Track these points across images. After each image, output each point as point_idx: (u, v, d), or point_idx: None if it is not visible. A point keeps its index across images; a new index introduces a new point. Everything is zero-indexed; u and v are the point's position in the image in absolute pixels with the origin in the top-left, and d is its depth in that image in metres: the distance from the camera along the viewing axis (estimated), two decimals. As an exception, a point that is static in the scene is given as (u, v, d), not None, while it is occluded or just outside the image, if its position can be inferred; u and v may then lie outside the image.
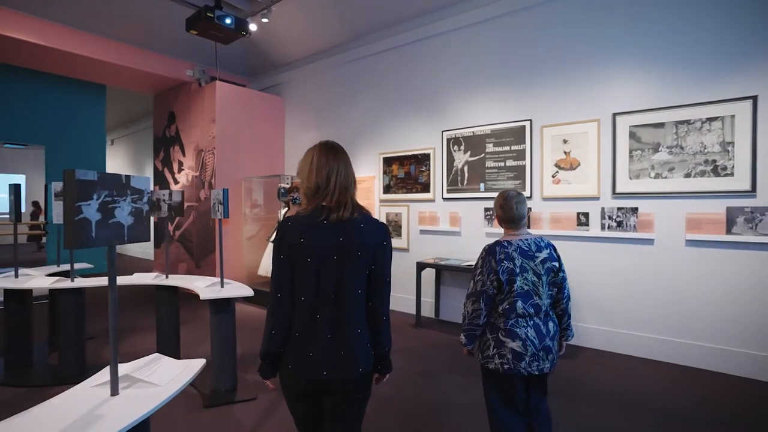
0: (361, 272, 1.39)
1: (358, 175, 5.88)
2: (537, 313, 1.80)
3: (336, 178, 1.40)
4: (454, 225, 4.86)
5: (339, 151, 1.46)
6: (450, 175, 4.89)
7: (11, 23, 5.00)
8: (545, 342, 1.79)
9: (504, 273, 1.78)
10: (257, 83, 7.38)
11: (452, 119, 4.90)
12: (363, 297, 1.40)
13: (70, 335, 3.31)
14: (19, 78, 7.30)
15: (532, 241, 1.88)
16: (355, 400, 1.42)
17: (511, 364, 1.77)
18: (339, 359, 1.34)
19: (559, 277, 1.87)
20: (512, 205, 1.88)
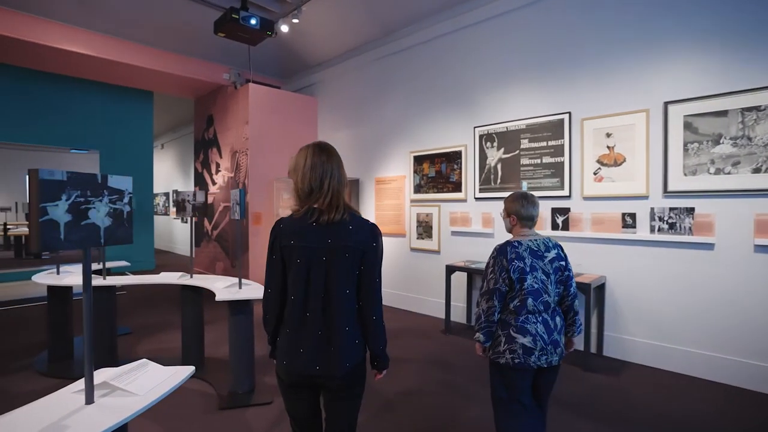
0: (349, 273, 1.42)
1: (389, 175, 5.75)
2: (546, 310, 1.88)
3: (329, 182, 1.43)
4: (486, 226, 4.60)
5: (332, 153, 1.49)
6: (482, 174, 4.63)
7: (64, 36, 5.34)
8: (553, 336, 1.87)
9: (515, 272, 1.85)
10: (292, 84, 7.45)
11: (485, 114, 4.64)
12: (352, 296, 1.44)
13: (101, 330, 3.43)
14: (75, 87, 7.86)
15: (541, 241, 1.95)
16: (348, 395, 1.47)
17: (521, 359, 1.84)
18: (327, 355, 1.39)
19: (565, 276, 1.95)
20: (529, 206, 1.96)
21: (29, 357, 3.77)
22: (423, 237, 5.29)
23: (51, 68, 6.30)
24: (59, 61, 5.89)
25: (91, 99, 8.23)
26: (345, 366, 1.41)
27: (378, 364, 1.53)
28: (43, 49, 5.40)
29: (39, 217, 1.14)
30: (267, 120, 6.39)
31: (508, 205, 2.01)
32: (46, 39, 5.24)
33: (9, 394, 3.06)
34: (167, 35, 5.91)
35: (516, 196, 1.99)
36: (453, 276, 4.49)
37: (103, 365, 3.39)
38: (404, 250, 5.53)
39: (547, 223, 4.08)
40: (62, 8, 5.11)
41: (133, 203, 1.44)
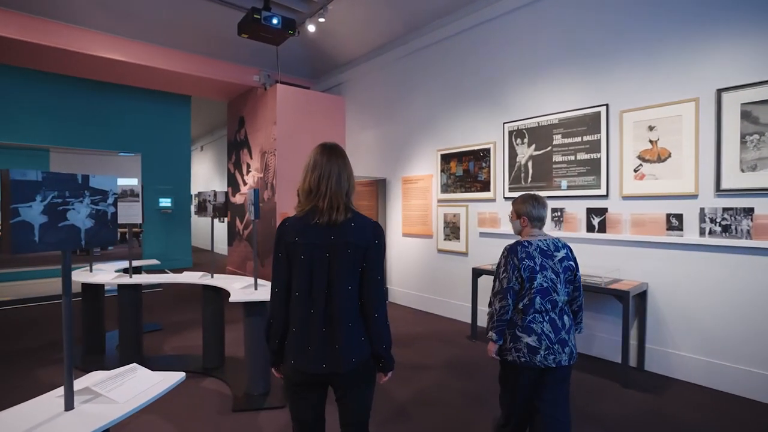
0: (352, 270, 1.43)
1: (415, 174, 5.60)
2: (553, 309, 1.90)
3: (328, 182, 1.44)
4: (516, 227, 4.34)
5: (337, 153, 1.50)
6: (512, 172, 4.38)
7: (105, 45, 5.60)
8: (561, 335, 1.88)
9: (525, 271, 1.90)
10: (321, 84, 7.46)
11: (514, 109, 4.38)
12: (354, 293, 1.45)
13: (127, 327, 3.53)
14: (119, 94, 8.29)
15: (550, 241, 1.99)
16: (357, 391, 1.49)
17: (527, 357, 1.87)
18: (333, 352, 1.40)
19: (576, 276, 2.00)
20: (540, 207, 2.01)
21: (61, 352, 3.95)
22: (450, 238, 5.10)
23: (96, 76, 6.65)
24: (103, 69, 6.19)
25: (134, 104, 8.65)
26: (351, 362, 1.41)
27: (383, 365, 1.52)
28: (88, 59, 5.68)
29: (10, 219, 1.11)
30: (294, 120, 6.41)
31: (519, 207, 2.05)
32: (91, 48, 5.52)
33: (44, 385, 3.20)
34: (199, 40, 6.07)
35: (525, 197, 2.05)
36: (480, 279, 4.28)
37: (128, 362, 3.49)
38: (431, 252, 5.36)
39: (582, 224, 3.79)
40: (103, 18, 5.36)
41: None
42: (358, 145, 6.73)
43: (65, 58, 5.67)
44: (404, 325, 4.81)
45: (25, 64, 6.08)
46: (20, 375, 3.39)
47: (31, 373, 3.42)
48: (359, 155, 6.71)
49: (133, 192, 3.54)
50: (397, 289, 5.93)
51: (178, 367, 3.52)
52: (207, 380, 3.32)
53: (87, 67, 6.08)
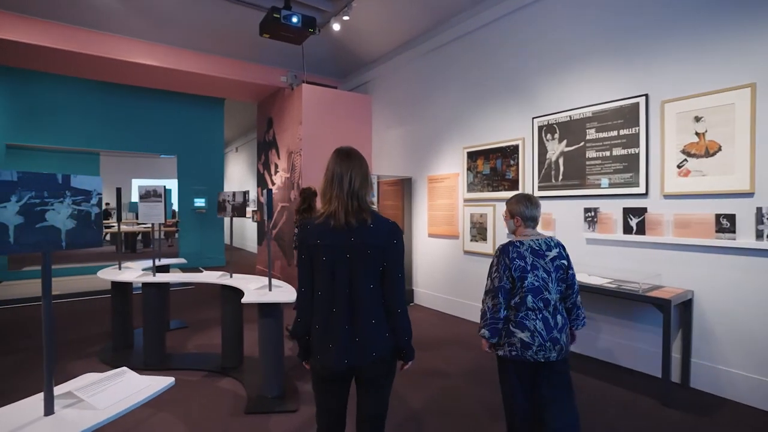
0: (372, 269, 1.50)
1: (441, 172, 5.43)
2: (546, 307, 1.94)
3: (341, 185, 1.51)
4: (546, 228, 4.08)
5: (352, 157, 1.57)
6: (542, 170, 4.12)
7: (139, 51, 5.81)
8: (553, 334, 1.92)
9: (516, 270, 1.95)
10: (349, 83, 7.42)
11: (544, 103, 4.12)
12: (376, 291, 1.51)
13: (151, 325, 3.60)
14: (155, 97, 8.64)
15: (542, 241, 2.03)
16: (376, 385, 1.56)
17: (519, 352, 1.93)
18: (355, 347, 1.47)
19: (569, 275, 2.03)
20: (533, 207, 2.04)
21: (98, 345, 4.10)
22: (477, 239, 4.89)
23: (135, 82, 6.93)
24: (140, 75, 6.44)
25: (171, 108, 8.99)
26: (372, 356, 1.48)
27: (405, 355, 1.60)
28: (126, 65, 5.91)
29: (-18, 220, 1.09)
30: (320, 120, 6.40)
31: (513, 207, 2.08)
32: (128, 55, 5.74)
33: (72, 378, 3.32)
34: (229, 43, 6.17)
35: (519, 197, 2.08)
36: (506, 283, 4.05)
37: (152, 358, 3.59)
38: (457, 253, 5.18)
39: (618, 225, 3.49)
40: (138, 26, 5.56)
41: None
42: (384, 144, 6.63)
43: (106, 65, 5.93)
44: (427, 328, 4.66)
45: (71, 72, 6.42)
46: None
47: (60, 366, 3.56)
48: (385, 154, 6.61)
49: (156, 192, 3.61)
50: (421, 291, 5.78)
51: (197, 366, 3.57)
52: (224, 380, 3.32)
53: (126, 73, 6.34)
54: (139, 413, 2.77)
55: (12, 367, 3.57)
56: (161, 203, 3.61)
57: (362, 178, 1.54)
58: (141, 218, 3.62)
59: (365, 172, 1.57)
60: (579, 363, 3.59)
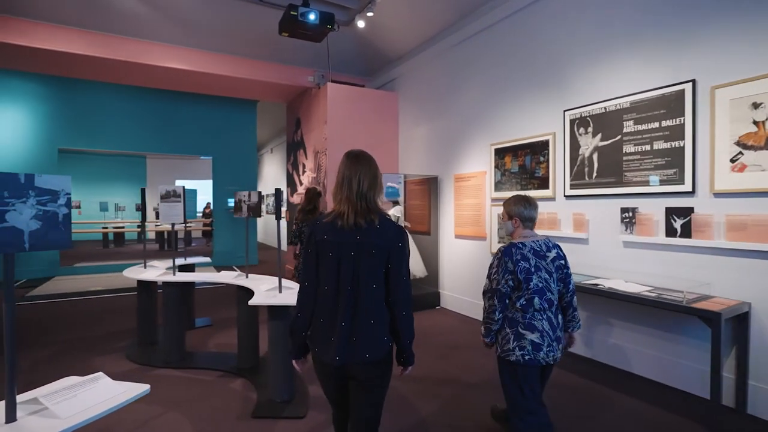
0: (376, 269, 1.52)
1: (468, 171, 5.20)
2: (550, 307, 1.96)
3: (349, 187, 1.55)
4: (578, 230, 3.77)
5: (361, 160, 1.60)
6: (574, 167, 3.81)
7: (171, 56, 5.99)
8: (557, 333, 1.97)
9: (522, 272, 1.93)
10: (376, 81, 7.31)
11: (577, 95, 3.81)
12: (379, 292, 1.53)
13: (170, 323, 3.65)
14: (192, 101, 8.94)
15: (542, 242, 2.03)
16: (370, 386, 1.55)
17: (531, 355, 1.91)
18: (350, 345, 1.49)
19: (565, 274, 2.04)
20: (531, 208, 2.05)
21: (127, 341, 4.23)
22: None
23: (172, 86, 7.20)
24: (175, 79, 6.66)
25: (206, 110, 9.28)
26: (365, 357, 1.49)
27: (404, 360, 1.62)
28: (161, 70, 6.13)
29: (-66, 221, 1.05)
30: (346, 118, 6.33)
31: (510, 208, 2.09)
32: (161, 60, 5.94)
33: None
34: (255, 44, 6.24)
35: (517, 199, 2.08)
36: (534, 289, 3.78)
37: (172, 356, 3.64)
38: (484, 255, 4.92)
39: (660, 227, 3.14)
40: (166, 31, 5.73)
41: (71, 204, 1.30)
42: (411, 142, 6.46)
43: (141, 71, 6.18)
44: (449, 334, 4.46)
45: (112, 79, 6.76)
46: (79, 361, 3.67)
47: (88, 360, 3.69)
48: (411, 153, 6.45)
49: (175, 193, 3.66)
50: (447, 294, 5.57)
51: (214, 366, 3.58)
52: (237, 381, 3.30)
53: (160, 78, 6.58)
54: (150, 411, 2.79)
55: (46, 358, 3.74)
56: (180, 203, 3.66)
57: (371, 180, 1.57)
58: (161, 218, 3.69)
59: (374, 174, 1.59)
60: (612, 377, 3.27)
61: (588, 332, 3.73)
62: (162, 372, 3.47)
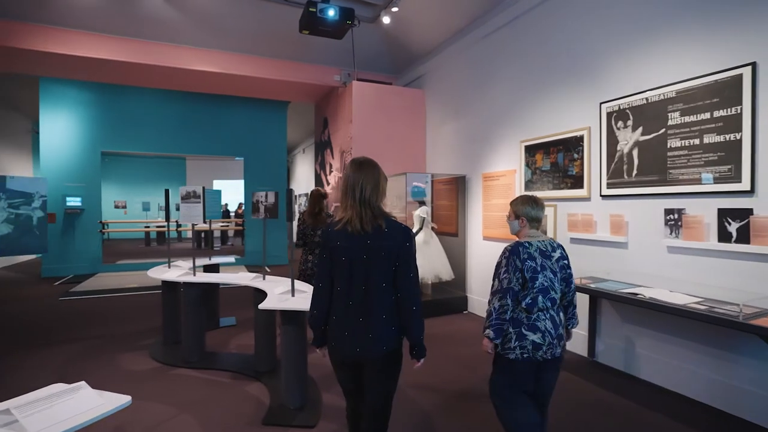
0: (386, 269, 1.64)
1: (496, 169, 4.94)
2: (552, 306, 1.98)
3: (353, 193, 1.66)
4: (616, 233, 3.45)
5: (364, 167, 1.70)
6: (612, 164, 3.49)
7: (197, 59, 6.11)
8: (559, 330, 1.99)
9: (528, 271, 1.94)
10: (403, 79, 7.15)
11: (614, 85, 3.49)
12: (389, 289, 1.65)
13: (191, 323, 3.67)
14: (225, 103, 9.14)
15: (547, 242, 2.06)
16: (385, 375, 1.70)
17: (530, 353, 1.94)
18: (367, 340, 1.62)
19: (568, 274, 2.07)
20: (538, 208, 2.06)
21: (151, 339, 4.32)
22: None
23: (201, 89, 7.37)
24: (204, 82, 6.80)
25: (238, 112, 9.47)
26: (382, 349, 1.63)
27: (416, 353, 1.71)
28: (189, 73, 6.27)
29: None
30: (371, 117, 6.22)
31: (517, 208, 2.10)
32: (189, 64, 6.07)
33: (119, 370, 3.50)
34: (282, 45, 6.23)
35: (524, 198, 2.10)
36: (566, 296, 3.49)
37: (193, 356, 3.65)
38: (513, 259, 4.65)
39: (712, 231, 2.79)
40: (196, 34, 5.83)
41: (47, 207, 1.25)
42: (438, 141, 6.26)
43: (173, 75, 6.34)
44: (476, 342, 4.21)
45: (148, 84, 7.00)
46: (105, 358, 3.76)
47: (113, 357, 3.78)
48: (439, 151, 6.24)
49: (195, 193, 3.67)
50: (476, 299, 5.33)
51: (232, 367, 3.56)
52: (253, 385, 3.26)
53: (192, 81, 6.73)
54: (164, 412, 2.79)
55: (75, 354, 3.87)
56: (200, 204, 3.67)
57: (373, 186, 1.66)
58: (182, 219, 3.72)
59: (376, 180, 1.68)
60: (653, 396, 2.94)
61: (626, 345, 3.41)
62: (181, 372, 3.49)
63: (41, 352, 3.89)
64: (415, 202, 5.69)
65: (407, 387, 3.13)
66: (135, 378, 3.37)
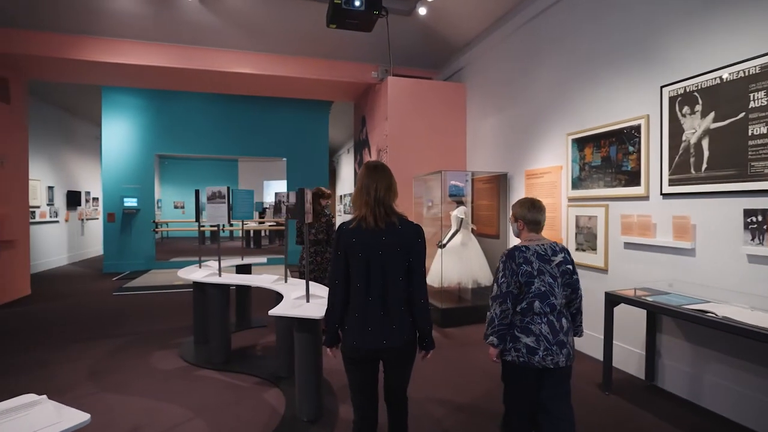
0: (401, 264, 1.74)
1: (540, 166, 4.52)
2: (552, 311, 1.93)
3: (368, 195, 1.75)
4: (681, 237, 2.95)
5: (379, 170, 1.80)
6: (675, 157, 2.99)
7: (236, 61, 6.19)
8: (559, 337, 1.91)
9: (523, 275, 1.93)
10: (443, 73, 6.83)
11: (679, 64, 2.98)
12: (404, 283, 1.75)
13: (215, 324, 3.65)
14: (268, 104, 9.31)
15: (548, 246, 2.02)
16: (403, 362, 1.81)
17: (525, 358, 1.91)
18: (391, 331, 1.72)
19: (573, 279, 2.00)
20: (535, 211, 2.05)
21: (183, 338, 4.38)
22: (584, 248, 3.88)
23: (243, 91, 7.52)
24: (245, 84, 6.91)
25: (282, 113, 9.62)
26: (403, 338, 1.74)
27: (426, 345, 1.82)
28: (230, 76, 6.38)
29: None
30: (407, 114, 5.97)
31: (516, 210, 2.10)
32: (229, 66, 6.17)
33: (147, 368, 3.55)
34: (318, 43, 6.15)
35: (524, 201, 2.10)
36: (617, 309, 3.04)
37: (217, 358, 3.62)
38: (559, 264, 4.21)
39: (806, 237, 2.25)
40: (233, 37, 5.91)
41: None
42: (479, 136, 5.88)
43: (215, 78, 6.49)
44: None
45: (193, 88, 7.26)
46: (138, 355, 3.85)
47: (146, 355, 3.86)
48: (479, 147, 5.87)
49: (220, 194, 3.64)
50: (517, 307, 4.91)
51: (254, 371, 3.49)
52: (271, 391, 3.15)
53: (234, 83, 6.86)
54: (180, 414, 2.76)
55: (113, 350, 4.01)
56: (225, 204, 3.64)
57: (386, 187, 1.77)
58: (208, 219, 3.71)
59: (389, 182, 1.79)
60: (731, 437, 2.45)
61: (692, 369, 2.90)
62: (204, 373, 3.48)
63: (81, 346, 4.08)
64: (452, 202, 5.38)
65: (433, 404, 2.86)
66: (161, 377, 3.39)
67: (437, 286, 5.19)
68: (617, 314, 3.05)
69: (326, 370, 3.40)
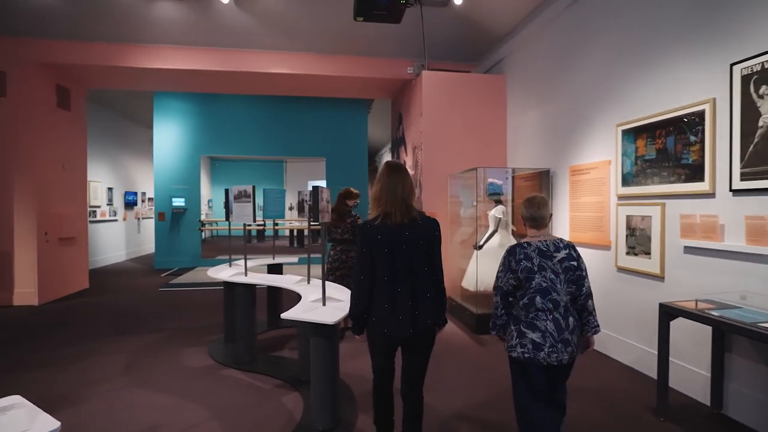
0: (424, 256, 1.95)
1: (587, 161, 4.12)
2: (556, 308, 1.92)
3: (388, 193, 1.92)
4: (756, 241, 2.50)
5: (402, 170, 1.99)
6: (749, 147, 2.54)
7: (272, 62, 6.25)
8: (564, 335, 1.89)
9: (523, 272, 1.96)
10: (483, 65, 6.49)
11: (753, 36, 2.53)
12: (428, 273, 1.96)
13: (242, 324, 3.64)
14: (308, 104, 9.38)
15: (551, 242, 2.02)
16: (424, 346, 2.01)
17: (531, 354, 1.90)
18: (416, 318, 1.90)
19: (577, 275, 1.97)
20: (532, 208, 2.04)
21: (214, 335, 4.43)
22: (636, 252, 3.46)
23: (281, 92, 7.63)
24: (283, 84, 6.99)
25: (321, 112, 9.67)
26: (427, 323, 1.92)
27: (442, 323, 2.02)
28: (268, 77, 6.47)
29: None
30: (443, 109, 5.72)
31: (519, 209, 2.13)
32: (266, 67, 6.24)
33: (176, 366, 3.60)
34: (352, 41, 6.05)
35: (524, 199, 2.11)
36: (674, 323, 2.64)
37: (243, 358, 3.61)
38: (607, 269, 3.80)
39: None
40: (268, 38, 5.95)
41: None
42: (520, 130, 5.51)
43: (255, 79, 6.60)
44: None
45: (235, 90, 7.45)
46: (169, 352, 3.93)
47: (177, 351, 3.93)
48: (521, 143, 5.50)
49: (246, 193, 3.63)
50: (561, 315, 4.51)
51: (276, 373, 3.44)
52: (291, 395, 3.07)
53: (272, 84, 6.96)
54: (198, 414, 2.75)
55: (152, 344, 4.14)
56: (250, 204, 3.61)
57: (409, 187, 1.95)
58: (234, 218, 3.71)
59: (410, 182, 1.97)
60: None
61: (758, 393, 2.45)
62: (228, 372, 3.47)
63: (121, 341, 4.24)
64: (490, 201, 5.07)
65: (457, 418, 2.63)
66: (187, 375, 3.42)
67: (472, 290, 4.90)
68: (676, 328, 2.65)
69: (348, 375, 3.28)
